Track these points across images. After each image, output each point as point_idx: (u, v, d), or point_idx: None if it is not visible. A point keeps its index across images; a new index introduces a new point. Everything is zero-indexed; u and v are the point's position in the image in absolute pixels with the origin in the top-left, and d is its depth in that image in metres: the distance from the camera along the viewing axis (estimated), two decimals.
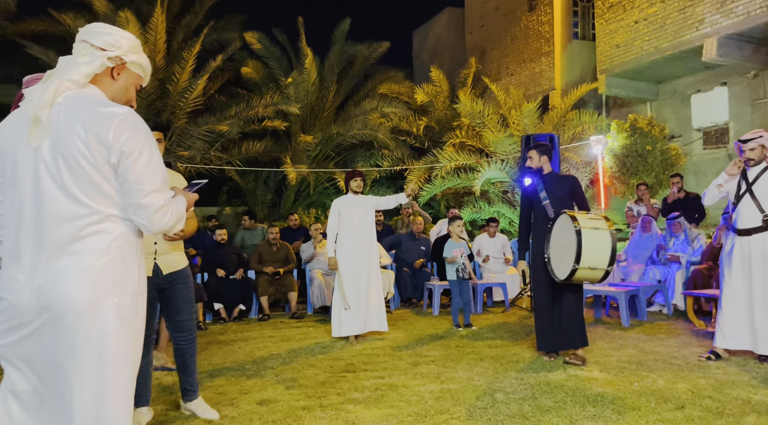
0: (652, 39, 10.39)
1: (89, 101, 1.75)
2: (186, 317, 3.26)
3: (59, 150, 1.67)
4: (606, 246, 4.16)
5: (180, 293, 3.22)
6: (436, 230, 9.61)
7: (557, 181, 4.71)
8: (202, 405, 3.33)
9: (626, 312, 6.06)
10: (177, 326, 3.25)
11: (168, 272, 3.18)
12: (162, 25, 10.98)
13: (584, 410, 3.25)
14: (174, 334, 3.27)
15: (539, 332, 4.62)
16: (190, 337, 3.28)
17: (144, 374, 3.06)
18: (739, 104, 10.41)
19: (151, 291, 3.04)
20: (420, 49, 19.71)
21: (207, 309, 6.95)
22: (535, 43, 13.85)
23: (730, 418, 3.05)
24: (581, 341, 4.45)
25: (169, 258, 3.21)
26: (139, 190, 1.72)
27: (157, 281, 3.13)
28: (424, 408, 3.34)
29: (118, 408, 1.70)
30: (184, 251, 3.39)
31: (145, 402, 3.15)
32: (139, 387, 3.00)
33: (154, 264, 3.13)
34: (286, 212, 12.46)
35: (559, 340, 4.48)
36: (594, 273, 4.26)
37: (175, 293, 3.21)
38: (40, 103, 1.68)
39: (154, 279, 3.11)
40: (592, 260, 4.22)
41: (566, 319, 4.45)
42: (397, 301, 7.93)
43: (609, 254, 4.16)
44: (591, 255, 4.21)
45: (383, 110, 12.64)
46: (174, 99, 11.04)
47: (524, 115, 11.08)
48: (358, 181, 5.73)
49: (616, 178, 10.02)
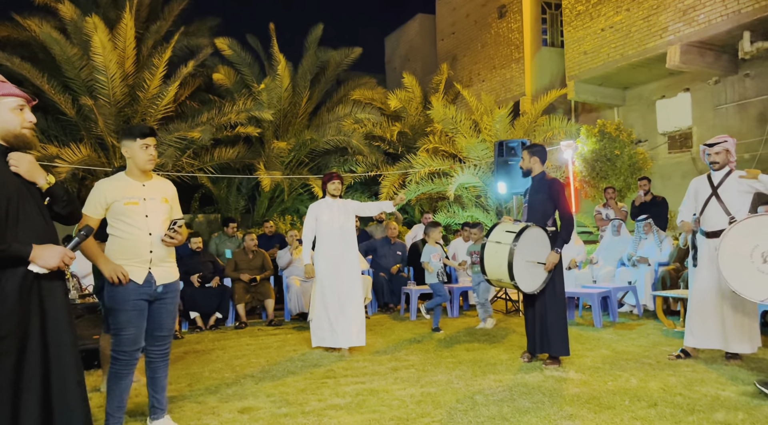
0: (618, 46, 10.68)
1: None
2: (168, 332, 3.14)
3: None
4: (502, 260, 4.23)
5: (169, 307, 3.11)
6: (411, 235, 9.69)
7: (539, 185, 4.65)
8: (170, 423, 3.20)
9: (599, 314, 6.20)
10: (156, 340, 3.10)
11: (161, 283, 3.04)
12: (131, 30, 10.84)
13: (561, 410, 3.32)
14: (151, 348, 3.10)
15: (526, 334, 4.69)
16: (166, 351, 3.15)
17: (121, 395, 2.96)
18: (702, 109, 10.77)
19: (140, 301, 2.95)
20: (392, 56, 19.85)
21: (183, 317, 6.87)
22: (505, 49, 14.09)
23: (700, 414, 3.16)
24: (560, 349, 4.42)
25: (164, 269, 3.07)
26: None
27: (149, 291, 2.99)
28: (406, 412, 3.38)
29: None
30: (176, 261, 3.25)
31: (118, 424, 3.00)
32: (115, 409, 2.94)
33: (148, 273, 2.99)
34: (260, 219, 12.40)
35: (539, 344, 4.53)
36: (506, 285, 4.40)
37: (165, 306, 3.08)
38: None
39: (146, 288, 2.97)
40: (494, 273, 4.36)
41: (545, 324, 4.47)
42: (374, 307, 7.95)
43: (506, 270, 4.21)
44: (492, 268, 4.37)
45: (357, 116, 12.69)
46: (144, 105, 10.90)
47: (496, 121, 11.26)
48: (336, 183, 5.41)
49: (586, 182, 10.25)
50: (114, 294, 2.93)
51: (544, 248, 4.43)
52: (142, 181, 3.10)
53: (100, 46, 10.05)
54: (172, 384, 4.25)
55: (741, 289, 3.64)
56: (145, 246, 2.99)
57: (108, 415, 2.96)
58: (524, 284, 4.30)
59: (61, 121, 11.35)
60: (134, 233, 2.97)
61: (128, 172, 3.10)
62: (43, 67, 10.89)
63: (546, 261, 4.38)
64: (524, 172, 4.77)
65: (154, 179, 3.18)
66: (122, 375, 2.95)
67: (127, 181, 3.07)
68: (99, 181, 3.11)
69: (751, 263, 3.58)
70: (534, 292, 4.37)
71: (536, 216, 4.54)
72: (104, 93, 10.44)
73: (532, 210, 4.62)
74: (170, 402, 3.78)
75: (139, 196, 3.03)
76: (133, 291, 2.94)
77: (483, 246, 4.44)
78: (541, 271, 4.40)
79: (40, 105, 11.16)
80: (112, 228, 3.00)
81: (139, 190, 3.05)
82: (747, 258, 3.59)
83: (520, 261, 4.23)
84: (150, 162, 3.07)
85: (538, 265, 4.38)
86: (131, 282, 2.94)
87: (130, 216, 2.97)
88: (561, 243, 4.41)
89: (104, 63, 10.19)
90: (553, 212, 4.61)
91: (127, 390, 2.99)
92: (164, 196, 3.15)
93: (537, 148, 4.74)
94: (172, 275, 3.14)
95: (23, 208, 2.23)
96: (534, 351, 4.61)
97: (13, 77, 10.25)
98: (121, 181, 3.07)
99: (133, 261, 2.96)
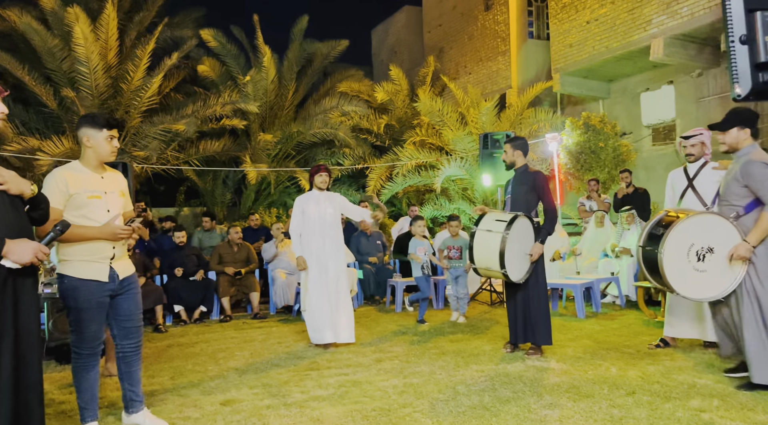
0: (603, 39, 10.73)
1: None
2: (136, 323, 3.10)
3: None
4: (494, 249, 4.24)
5: (134, 298, 3.08)
6: (397, 227, 9.71)
7: (523, 177, 4.68)
8: (149, 416, 3.15)
9: (581, 304, 6.27)
10: (127, 332, 3.06)
11: (124, 277, 3.02)
12: (113, 21, 10.69)
13: (541, 399, 3.36)
14: (122, 342, 3.07)
15: (509, 324, 4.72)
16: (139, 344, 3.12)
17: (92, 387, 2.95)
18: (685, 102, 10.86)
19: (104, 298, 2.93)
20: (379, 48, 19.78)
21: (167, 311, 6.84)
22: (491, 42, 14.10)
23: (676, 401, 3.22)
24: (543, 338, 4.48)
25: (125, 263, 3.07)
26: None
27: (113, 286, 2.96)
28: (388, 403, 3.40)
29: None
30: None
31: (94, 417, 2.98)
32: (87, 402, 2.92)
33: (111, 269, 2.95)
34: (246, 212, 12.34)
35: (522, 334, 4.57)
36: (494, 274, 4.41)
37: (129, 298, 3.05)
38: None
39: (110, 285, 2.94)
40: (483, 261, 4.38)
41: (528, 314, 4.52)
42: (360, 299, 7.97)
43: (497, 257, 4.22)
44: (482, 256, 4.38)
45: (343, 108, 12.64)
46: (128, 97, 10.77)
47: (482, 113, 11.28)
48: (324, 176, 5.31)
49: (571, 174, 10.31)
50: (77, 294, 2.85)
51: (529, 239, 4.47)
52: (100, 173, 3.01)
53: (81, 37, 9.91)
54: (155, 378, 4.24)
55: (680, 288, 3.65)
56: (107, 243, 2.93)
57: (82, 409, 2.95)
58: (513, 273, 4.33)
59: (43, 113, 11.19)
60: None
61: (85, 163, 2.97)
62: (24, 58, 10.71)
63: (532, 252, 4.42)
64: (507, 165, 4.81)
65: (109, 171, 3.09)
66: (89, 368, 2.93)
67: (86, 172, 2.96)
68: (56, 169, 2.93)
69: (687, 262, 3.63)
70: (520, 281, 4.41)
71: (519, 209, 4.57)
72: (86, 85, 10.30)
73: (516, 202, 4.65)
74: (152, 395, 3.78)
75: (100, 190, 2.95)
76: (97, 289, 2.89)
77: (473, 235, 4.44)
78: (526, 261, 4.44)
79: (21, 97, 11.01)
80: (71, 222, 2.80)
81: (99, 183, 2.96)
82: (684, 257, 3.64)
83: (510, 250, 4.27)
84: (113, 154, 2.98)
85: (525, 256, 4.42)
86: (95, 281, 2.88)
87: (93, 211, 2.88)
88: (545, 234, 4.47)
89: (86, 54, 10.05)
90: (536, 204, 4.66)
91: (96, 381, 2.97)
92: (121, 190, 3.09)
93: (519, 141, 4.77)
94: (131, 267, 3.13)
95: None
96: (517, 342, 4.66)
97: None
98: (81, 173, 2.94)
99: (95, 259, 2.89)
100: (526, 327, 4.54)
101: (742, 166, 3.49)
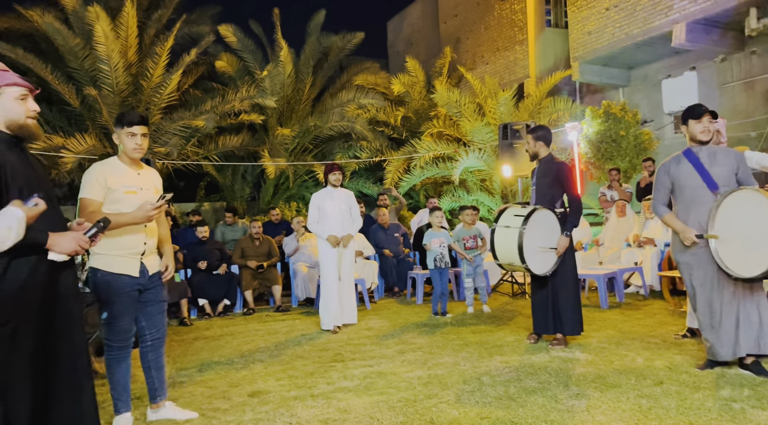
0: (623, 25, 10.56)
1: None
2: (163, 310, 3.20)
3: None
4: (513, 244, 4.27)
5: (160, 292, 3.16)
6: (416, 220, 9.70)
7: (546, 168, 4.62)
8: (173, 406, 3.23)
9: (605, 295, 6.22)
10: (153, 322, 3.13)
11: (153, 272, 3.09)
12: (133, 19, 10.81)
13: (568, 389, 3.36)
14: (149, 331, 3.13)
15: (533, 315, 4.70)
16: (164, 331, 3.21)
17: (124, 379, 3.01)
18: (708, 88, 10.67)
19: (134, 292, 2.99)
20: (395, 40, 19.71)
21: (192, 304, 6.94)
22: (508, 31, 13.96)
23: (706, 391, 3.19)
24: (573, 328, 4.45)
25: (154, 259, 3.14)
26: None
27: (143, 281, 3.02)
28: (413, 394, 3.42)
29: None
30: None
31: (127, 408, 3.04)
32: (120, 393, 2.98)
33: (141, 265, 3.02)
34: (266, 206, 12.44)
35: (551, 325, 4.53)
36: (517, 268, 4.44)
37: (156, 292, 3.12)
38: None
39: (140, 280, 3.00)
40: (505, 257, 4.41)
41: (557, 305, 4.48)
42: (381, 291, 8.00)
43: (517, 253, 4.25)
44: (503, 252, 4.41)
45: (360, 101, 12.64)
46: (148, 94, 10.90)
47: (500, 104, 11.20)
48: (337, 174, 5.78)
49: (592, 163, 10.21)
50: (109, 288, 2.92)
51: (554, 231, 4.44)
52: (137, 169, 3.08)
53: (102, 36, 10.04)
54: (183, 370, 4.32)
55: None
56: (141, 238, 3.00)
57: (115, 400, 3.02)
58: (535, 266, 4.32)
59: (66, 111, 11.37)
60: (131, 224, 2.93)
61: (121, 159, 3.06)
62: (47, 57, 10.89)
63: (557, 246, 4.40)
64: (531, 156, 4.76)
65: (145, 168, 3.17)
66: (120, 359, 3.00)
67: (123, 168, 3.03)
68: (95, 163, 3.02)
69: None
70: (545, 274, 4.39)
71: (544, 200, 4.54)
72: (108, 82, 10.44)
73: (540, 193, 4.62)
74: (181, 387, 3.85)
75: (136, 186, 3.01)
76: (129, 283, 2.96)
77: (493, 232, 4.48)
78: (552, 255, 4.41)
79: (44, 95, 11.18)
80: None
81: (135, 179, 3.03)
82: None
83: (530, 244, 4.25)
84: (135, 150, 3.02)
85: (549, 248, 4.40)
86: (126, 275, 2.95)
87: (129, 206, 2.92)
88: (570, 226, 4.43)
89: (107, 52, 10.18)
90: (561, 195, 4.61)
91: (128, 372, 3.04)
92: (156, 187, 3.15)
93: (540, 130, 4.70)
94: (159, 264, 3.19)
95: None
96: (542, 332, 4.64)
97: (17, 68, 10.26)
98: (119, 168, 3.02)
99: (127, 254, 2.95)
100: (555, 318, 4.51)
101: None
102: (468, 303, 6.40)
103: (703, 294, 3.61)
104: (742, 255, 3.37)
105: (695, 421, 2.77)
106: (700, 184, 3.62)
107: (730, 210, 3.44)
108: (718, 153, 3.67)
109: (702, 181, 3.61)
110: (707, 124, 3.65)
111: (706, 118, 3.65)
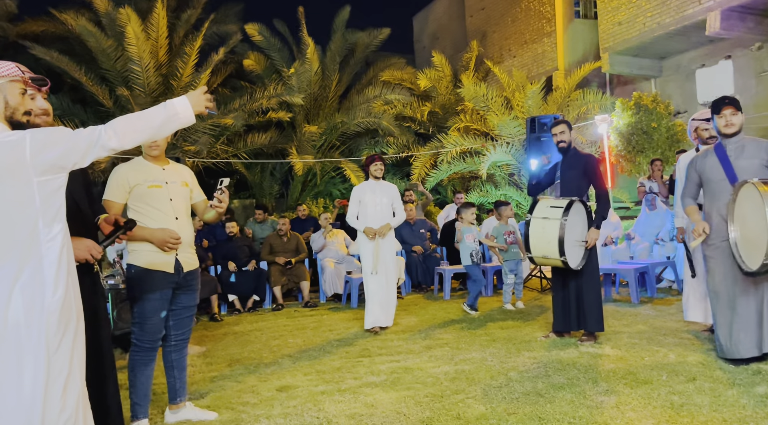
0: (654, 15, 10.31)
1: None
2: (192, 313, 3.20)
3: None
4: (552, 237, 4.17)
5: (194, 292, 3.15)
6: (443, 215, 9.67)
7: (573, 160, 4.56)
8: (193, 407, 3.22)
9: (636, 290, 6.11)
10: (181, 323, 3.12)
11: (188, 270, 3.07)
12: (162, 20, 11.01)
13: (597, 385, 3.31)
14: (176, 332, 3.11)
15: (554, 312, 4.66)
16: (189, 332, 3.21)
17: (147, 383, 2.97)
18: (744, 77, 10.34)
19: (168, 289, 2.97)
20: (420, 34, 19.61)
21: (221, 300, 7.06)
22: (536, 23, 13.76)
23: (740, 388, 3.11)
24: (596, 325, 4.38)
25: (190, 255, 3.10)
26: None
27: (177, 279, 3.01)
28: (440, 389, 3.42)
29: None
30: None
31: (145, 415, 2.99)
32: (141, 398, 2.94)
33: (176, 262, 3.00)
34: (294, 203, 12.55)
35: (575, 321, 4.48)
36: (552, 262, 4.33)
37: (190, 291, 3.12)
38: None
39: (174, 277, 2.99)
40: (541, 250, 4.31)
41: (582, 301, 4.42)
42: (408, 287, 8.01)
43: (556, 245, 4.15)
44: (539, 245, 4.31)
45: (386, 97, 12.64)
46: (178, 94, 11.06)
47: (528, 97, 11.06)
48: (378, 165, 5.51)
49: (622, 156, 10.01)
50: (143, 283, 2.92)
51: (583, 224, 4.38)
52: (161, 165, 3.10)
53: (133, 37, 10.25)
54: (213, 365, 4.41)
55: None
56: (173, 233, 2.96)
57: (135, 404, 2.97)
58: (572, 260, 4.26)
59: (100, 112, 11.64)
60: (160, 217, 2.95)
61: (145, 157, 3.09)
62: (80, 59, 11.16)
63: (588, 238, 4.34)
64: (566, 146, 4.57)
65: (172, 164, 3.18)
66: (147, 362, 2.97)
67: (146, 164, 3.06)
68: (117, 166, 3.06)
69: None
70: (579, 268, 4.33)
71: (571, 193, 4.47)
72: (139, 83, 10.66)
73: (566, 186, 4.55)
74: (211, 381, 3.93)
75: (161, 179, 3.02)
76: (163, 280, 2.95)
77: (527, 223, 4.39)
78: (581, 247, 4.36)
79: (78, 97, 11.50)
80: (135, 214, 2.92)
81: (160, 174, 3.04)
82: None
83: (569, 236, 4.20)
84: (151, 148, 3.04)
85: (580, 242, 4.35)
86: (160, 271, 2.94)
87: (156, 200, 2.94)
88: (599, 220, 4.39)
89: (138, 53, 10.39)
90: (588, 188, 4.55)
91: (151, 377, 3.00)
92: (184, 180, 3.14)
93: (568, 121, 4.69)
94: (195, 262, 3.16)
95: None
96: (561, 330, 4.58)
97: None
98: (141, 165, 3.05)
99: (160, 250, 2.93)
100: (579, 314, 4.45)
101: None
102: (505, 301, 6.35)
103: (722, 289, 3.61)
104: (748, 249, 3.39)
105: (729, 418, 2.71)
106: (722, 177, 3.61)
107: (743, 204, 3.42)
108: (747, 145, 3.61)
109: (724, 174, 3.59)
110: (729, 117, 3.58)
111: (728, 111, 3.57)
